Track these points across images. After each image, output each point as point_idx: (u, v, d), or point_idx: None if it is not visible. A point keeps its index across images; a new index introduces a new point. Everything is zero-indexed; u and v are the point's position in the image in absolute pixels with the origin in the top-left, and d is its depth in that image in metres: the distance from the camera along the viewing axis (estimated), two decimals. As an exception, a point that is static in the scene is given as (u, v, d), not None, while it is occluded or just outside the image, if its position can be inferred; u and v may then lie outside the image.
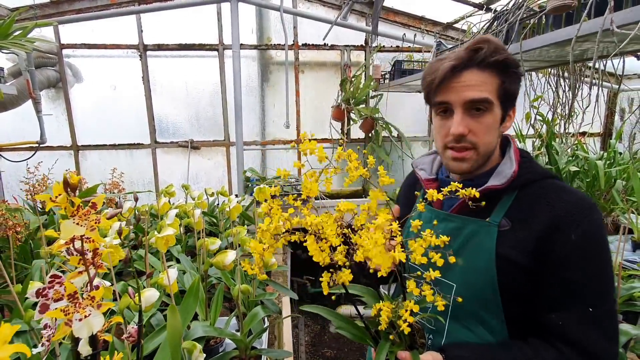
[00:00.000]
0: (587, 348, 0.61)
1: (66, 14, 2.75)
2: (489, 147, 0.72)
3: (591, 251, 0.63)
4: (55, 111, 2.97)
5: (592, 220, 0.64)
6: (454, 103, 0.70)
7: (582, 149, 2.89)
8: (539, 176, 0.71)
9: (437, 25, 3.19)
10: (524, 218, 0.68)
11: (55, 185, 0.40)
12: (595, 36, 0.99)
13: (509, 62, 0.69)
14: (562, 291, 0.64)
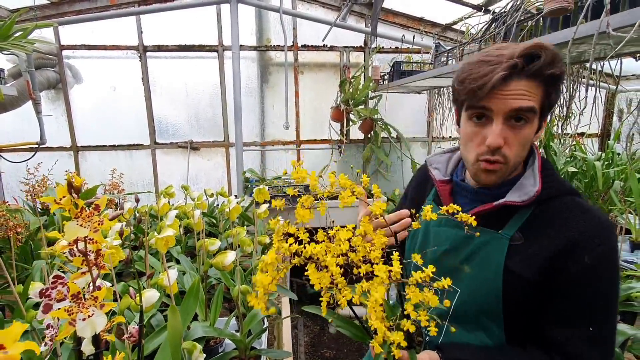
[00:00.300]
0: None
1: (66, 15, 2.76)
2: (519, 160, 0.69)
3: (603, 274, 0.63)
4: (55, 112, 2.97)
5: (608, 244, 0.63)
6: (496, 111, 0.65)
7: (580, 150, 2.90)
8: (560, 193, 0.68)
9: (436, 26, 3.20)
10: (538, 234, 0.67)
11: (59, 188, 0.40)
12: (591, 39, 1.00)
13: (561, 75, 0.64)
14: (569, 309, 0.64)
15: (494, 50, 0.65)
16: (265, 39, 3.11)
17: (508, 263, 0.67)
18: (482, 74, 0.63)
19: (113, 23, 2.86)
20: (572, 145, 2.87)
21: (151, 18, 2.90)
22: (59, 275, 0.53)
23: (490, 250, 0.69)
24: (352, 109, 2.98)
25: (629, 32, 0.87)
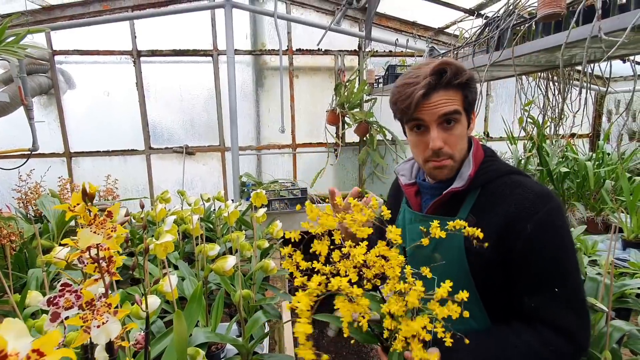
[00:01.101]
0: (560, 324, 0.68)
1: (58, 20, 2.74)
2: (462, 153, 0.80)
3: (549, 239, 0.69)
4: (47, 118, 2.94)
5: (547, 210, 0.70)
6: (428, 121, 0.76)
7: (572, 151, 2.96)
8: (497, 174, 0.78)
9: (428, 30, 3.24)
10: (485, 214, 0.75)
11: (74, 195, 0.41)
12: (583, 42, 1.03)
13: (469, 80, 0.76)
14: (529, 278, 0.70)
15: (413, 72, 0.77)
16: (259, 43, 3.12)
17: (467, 244, 0.74)
18: (407, 95, 0.75)
19: (106, 28, 2.85)
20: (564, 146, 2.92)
21: (145, 23, 2.90)
22: (67, 283, 0.53)
23: (451, 236, 0.76)
24: (347, 112, 3.00)
25: (618, 35, 0.89)
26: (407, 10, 3.08)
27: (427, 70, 0.75)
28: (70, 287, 0.53)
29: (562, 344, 0.67)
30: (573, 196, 2.65)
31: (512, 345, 0.68)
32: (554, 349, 0.66)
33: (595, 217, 2.56)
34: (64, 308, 0.53)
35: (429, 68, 0.75)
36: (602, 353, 0.83)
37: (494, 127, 3.62)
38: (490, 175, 0.77)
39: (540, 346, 0.67)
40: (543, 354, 0.66)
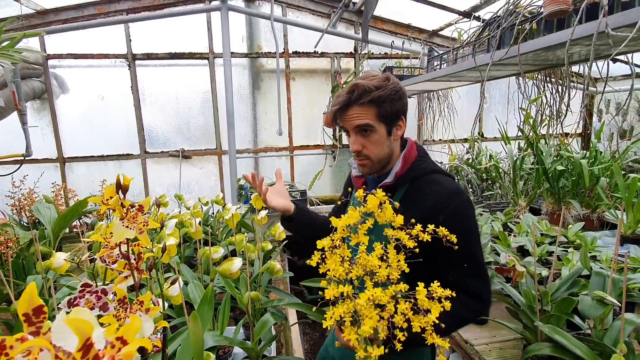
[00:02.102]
0: (473, 291, 0.87)
1: (52, 24, 2.70)
2: (379, 156, 0.93)
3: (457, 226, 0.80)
4: (40, 123, 2.89)
5: (456, 205, 0.86)
6: (347, 128, 0.92)
7: (566, 149, 3.00)
8: (422, 172, 0.92)
9: (423, 32, 3.28)
10: (410, 205, 0.88)
11: (107, 188, 0.39)
12: (586, 39, 1.05)
13: (378, 98, 0.88)
14: (446, 258, 0.85)
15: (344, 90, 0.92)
16: (256, 46, 3.12)
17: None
18: (335, 104, 0.92)
19: (101, 31, 2.82)
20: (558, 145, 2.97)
21: (140, 26, 2.87)
22: (87, 283, 0.52)
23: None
24: (344, 114, 3.00)
25: (625, 31, 0.91)
26: (402, 13, 3.11)
27: (345, 91, 0.90)
28: (90, 287, 0.52)
29: (476, 304, 0.87)
30: (568, 194, 2.69)
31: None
32: (472, 309, 0.87)
33: (590, 214, 2.60)
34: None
35: (346, 89, 0.90)
36: (617, 346, 0.83)
37: (488, 128, 3.66)
38: (416, 173, 0.92)
39: (462, 309, 0.85)
40: (465, 314, 0.86)
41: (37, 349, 0.24)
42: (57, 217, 2.11)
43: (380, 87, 0.89)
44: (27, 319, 0.25)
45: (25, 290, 0.24)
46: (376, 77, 0.92)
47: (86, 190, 2.87)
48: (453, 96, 3.07)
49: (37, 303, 0.25)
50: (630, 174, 2.57)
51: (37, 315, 0.25)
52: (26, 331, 0.24)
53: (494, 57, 1.35)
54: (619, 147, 3.06)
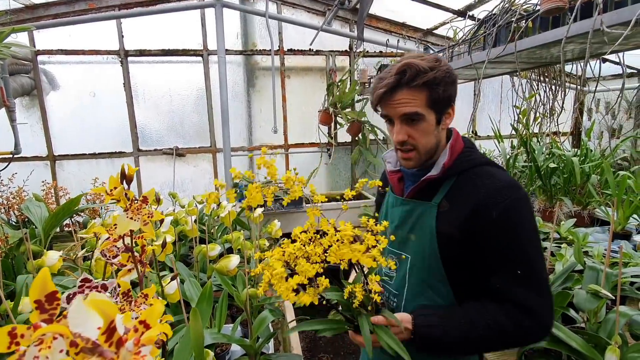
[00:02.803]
0: (521, 302, 0.74)
1: (42, 19, 2.64)
2: (427, 147, 0.84)
3: (512, 224, 0.75)
4: (30, 120, 2.83)
5: (512, 200, 0.75)
6: (392, 116, 0.82)
7: (557, 147, 3.05)
8: (472, 164, 0.83)
9: (417, 31, 3.29)
10: (458, 200, 0.81)
11: (111, 178, 0.39)
12: (580, 37, 1.06)
13: (432, 81, 0.77)
14: (494, 260, 0.77)
15: (389, 67, 0.82)
16: (250, 43, 3.10)
17: (439, 226, 0.81)
18: (375, 89, 0.82)
19: (92, 27, 2.77)
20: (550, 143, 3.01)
21: (133, 22, 2.83)
22: (87, 278, 0.51)
23: (425, 218, 0.84)
24: (340, 112, 3.01)
25: (619, 29, 0.92)
26: (397, 11, 3.12)
27: (393, 70, 0.79)
28: (90, 282, 0.51)
29: (524, 319, 0.73)
30: (560, 191, 2.73)
31: (480, 315, 0.76)
32: (517, 322, 0.73)
33: (581, 211, 2.64)
34: (85, 304, 0.50)
35: (394, 68, 0.79)
36: (612, 338, 0.85)
37: (481, 126, 3.69)
38: (465, 166, 0.83)
39: (505, 319, 0.73)
40: (507, 326, 0.73)
41: (50, 337, 0.23)
42: (48, 215, 2.07)
43: (434, 68, 0.78)
44: (40, 306, 0.24)
45: (38, 275, 0.23)
46: (424, 57, 0.80)
47: (77, 188, 2.82)
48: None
49: (51, 289, 0.24)
50: (620, 172, 2.61)
51: (50, 302, 0.24)
52: (38, 319, 0.23)
53: (490, 54, 1.36)
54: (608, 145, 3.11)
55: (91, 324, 0.24)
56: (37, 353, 0.22)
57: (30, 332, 0.23)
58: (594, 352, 0.91)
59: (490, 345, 0.77)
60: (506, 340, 0.75)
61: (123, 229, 0.38)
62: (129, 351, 0.23)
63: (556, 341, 0.97)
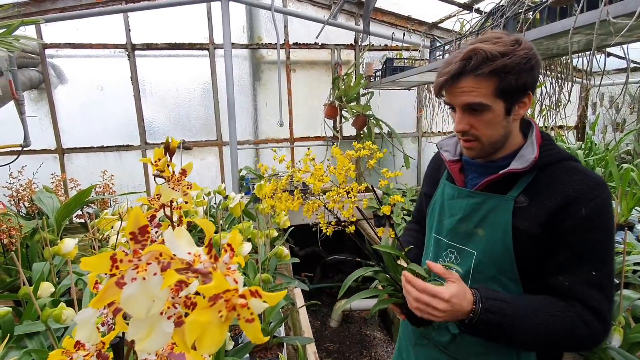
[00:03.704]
0: (592, 304, 0.70)
1: (49, 12, 2.66)
2: (492, 139, 0.78)
3: (597, 224, 0.71)
4: (38, 113, 2.86)
5: (602, 199, 0.72)
6: (454, 104, 0.78)
7: (562, 141, 3.06)
8: (557, 158, 0.78)
9: (423, 25, 3.30)
10: (540, 195, 0.75)
11: (156, 150, 0.42)
12: (587, 28, 1.08)
13: (500, 69, 0.71)
14: (569, 257, 0.72)
15: (458, 51, 0.77)
16: (256, 37, 3.11)
17: (515, 222, 0.76)
18: (440, 74, 0.77)
19: (99, 21, 2.79)
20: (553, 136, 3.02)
21: (139, 16, 2.85)
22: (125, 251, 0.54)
23: (498, 212, 0.78)
24: (345, 106, 3.03)
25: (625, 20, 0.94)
26: (402, 5, 3.13)
27: (458, 56, 0.74)
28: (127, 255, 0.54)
29: (593, 320, 0.70)
30: (564, 184, 2.76)
31: (548, 305, 0.72)
32: (587, 321, 0.70)
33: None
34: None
35: (460, 54, 0.74)
36: (617, 319, 0.88)
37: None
38: (550, 159, 0.78)
39: (574, 315, 0.70)
40: (575, 321, 0.70)
41: (144, 263, 0.26)
42: (59, 206, 2.11)
43: (507, 54, 0.71)
44: (134, 237, 0.27)
45: (132, 212, 0.27)
46: (501, 39, 0.73)
47: (86, 181, 2.86)
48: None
49: (143, 223, 0.27)
50: (623, 164, 2.63)
51: (143, 234, 0.27)
52: (133, 247, 0.27)
53: (497, 46, 1.38)
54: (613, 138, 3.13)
55: (182, 249, 0.27)
56: (135, 275, 0.26)
57: (129, 258, 0.26)
58: (598, 333, 0.94)
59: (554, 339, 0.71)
60: (571, 336, 0.70)
61: (167, 197, 0.41)
62: (225, 263, 0.26)
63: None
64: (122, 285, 0.26)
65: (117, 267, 0.26)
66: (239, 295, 0.23)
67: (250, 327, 0.25)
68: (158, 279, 0.25)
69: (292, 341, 1.15)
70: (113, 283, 0.26)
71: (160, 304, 0.25)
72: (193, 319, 0.24)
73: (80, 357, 0.36)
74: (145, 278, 0.25)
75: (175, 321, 0.28)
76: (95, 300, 0.26)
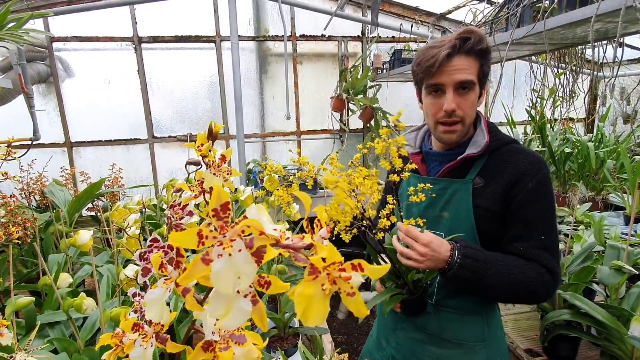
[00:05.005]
0: (543, 262, 0.82)
1: (56, 5, 2.65)
2: (470, 120, 0.88)
3: (542, 194, 0.83)
4: (47, 107, 2.87)
5: (543, 173, 0.84)
6: (446, 84, 0.83)
7: (571, 133, 3.03)
8: (504, 142, 0.89)
9: (430, 16, 3.26)
10: (494, 175, 0.86)
11: (199, 135, 0.42)
12: (608, 16, 1.06)
13: (488, 49, 0.83)
14: (523, 227, 0.84)
15: (439, 39, 0.86)
16: (263, 29, 3.09)
17: (475, 201, 0.86)
18: (431, 55, 0.82)
19: (106, 13, 2.77)
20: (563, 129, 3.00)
21: (146, 8, 2.83)
22: (156, 238, 0.54)
23: (460, 195, 0.88)
24: (352, 98, 3.01)
25: (651, 6, 0.92)
26: (410, -5, 3.09)
27: (452, 36, 0.82)
28: (158, 242, 0.54)
29: (546, 273, 0.81)
30: (574, 177, 2.73)
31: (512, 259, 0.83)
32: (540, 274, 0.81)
33: (595, 196, 2.65)
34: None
35: (455, 34, 0.83)
36: (637, 309, 0.88)
37: (494, 113, 3.67)
38: (498, 143, 0.88)
39: (532, 269, 0.81)
40: (533, 275, 0.80)
41: (228, 239, 0.26)
42: (71, 199, 2.12)
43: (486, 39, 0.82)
44: (216, 214, 0.27)
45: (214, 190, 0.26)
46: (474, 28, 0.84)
47: (94, 174, 2.87)
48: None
49: (225, 199, 0.27)
50: (635, 157, 2.61)
51: (224, 211, 0.27)
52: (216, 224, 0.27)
53: (514, 35, 1.36)
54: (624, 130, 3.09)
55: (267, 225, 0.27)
56: (222, 251, 0.25)
57: (214, 234, 0.26)
58: (617, 323, 0.94)
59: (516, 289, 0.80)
60: (529, 287, 0.80)
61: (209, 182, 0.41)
62: (322, 237, 0.26)
63: (580, 314, 1.00)
64: (208, 262, 0.25)
65: (203, 243, 0.26)
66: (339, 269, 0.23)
67: (352, 300, 0.25)
68: (244, 255, 0.25)
69: (308, 331, 1.16)
70: (199, 259, 0.26)
71: (248, 280, 0.25)
72: (300, 291, 0.24)
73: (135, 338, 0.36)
74: (231, 254, 0.25)
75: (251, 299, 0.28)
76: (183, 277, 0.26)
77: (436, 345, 0.91)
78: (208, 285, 0.26)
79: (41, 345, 0.91)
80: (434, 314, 0.91)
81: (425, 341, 0.93)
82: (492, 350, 0.90)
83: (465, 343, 0.89)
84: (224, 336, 0.35)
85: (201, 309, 0.30)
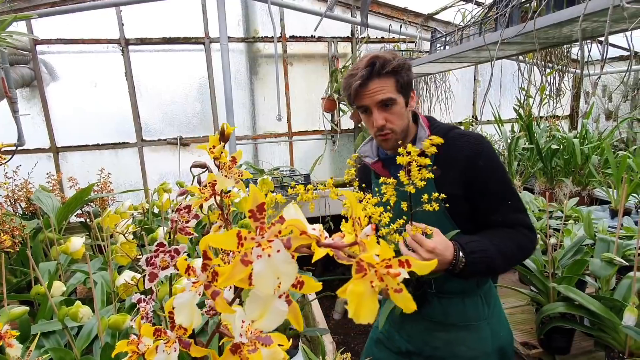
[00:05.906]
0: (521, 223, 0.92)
1: (39, 7, 2.59)
2: (402, 127, 0.96)
3: (493, 165, 0.93)
4: (31, 111, 2.79)
5: (486, 147, 0.94)
6: (370, 105, 0.94)
7: (557, 130, 3.11)
8: (444, 131, 0.96)
9: (419, 16, 3.30)
10: (448, 162, 0.93)
11: (211, 137, 0.41)
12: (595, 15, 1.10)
13: (397, 67, 0.91)
14: (491, 199, 0.93)
15: (356, 64, 0.95)
16: (252, 30, 3.07)
17: (439, 190, 0.90)
18: (349, 85, 0.94)
19: (91, 15, 2.72)
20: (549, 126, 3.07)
21: (133, 10, 2.79)
22: (162, 243, 0.54)
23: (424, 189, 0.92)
24: (343, 99, 3.02)
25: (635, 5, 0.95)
26: (398, -4, 3.12)
27: (362, 64, 0.92)
28: (164, 247, 0.54)
29: (529, 233, 0.92)
30: (560, 173, 2.80)
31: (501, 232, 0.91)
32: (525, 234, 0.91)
33: (581, 191, 2.72)
34: (161, 268, 0.54)
35: (363, 62, 0.93)
36: (629, 299, 0.91)
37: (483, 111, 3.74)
38: (440, 134, 0.92)
39: (517, 233, 0.91)
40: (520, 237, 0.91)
41: (266, 240, 0.26)
42: (60, 205, 2.07)
43: (395, 58, 0.92)
44: (252, 215, 0.27)
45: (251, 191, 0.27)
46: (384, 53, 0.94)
47: (82, 180, 2.80)
48: (450, 80, 3.12)
49: (261, 200, 0.27)
50: (619, 152, 2.69)
51: (260, 212, 0.27)
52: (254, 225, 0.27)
53: (503, 34, 1.39)
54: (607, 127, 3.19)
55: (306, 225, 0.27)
56: (261, 252, 0.25)
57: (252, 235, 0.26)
58: (610, 313, 0.97)
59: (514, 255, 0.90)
60: (522, 249, 0.90)
61: (221, 185, 0.41)
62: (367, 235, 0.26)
63: (574, 306, 1.03)
64: (247, 263, 0.26)
65: (242, 244, 0.26)
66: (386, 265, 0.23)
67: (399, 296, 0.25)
68: (283, 256, 0.25)
69: (309, 332, 1.16)
70: (239, 261, 0.26)
71: (289, 280, 0.25)
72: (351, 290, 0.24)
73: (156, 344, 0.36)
74: (270, 255, 0.25)
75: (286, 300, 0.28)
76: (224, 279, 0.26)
77: (444, 330, 0.98)
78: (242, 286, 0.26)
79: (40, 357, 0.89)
80: (436, 302, 0.98)
81: (433, 329, 0.99)
82: (494, 325, 0.98)
83: (469, 324, 0.96)
84: (251, 338, 0.35)
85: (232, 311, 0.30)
